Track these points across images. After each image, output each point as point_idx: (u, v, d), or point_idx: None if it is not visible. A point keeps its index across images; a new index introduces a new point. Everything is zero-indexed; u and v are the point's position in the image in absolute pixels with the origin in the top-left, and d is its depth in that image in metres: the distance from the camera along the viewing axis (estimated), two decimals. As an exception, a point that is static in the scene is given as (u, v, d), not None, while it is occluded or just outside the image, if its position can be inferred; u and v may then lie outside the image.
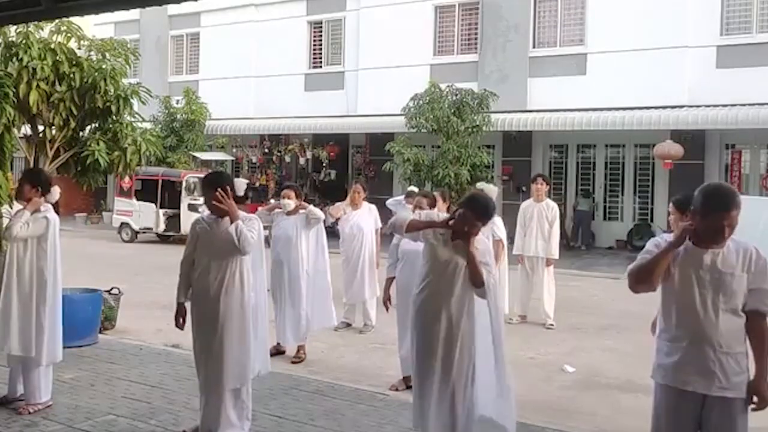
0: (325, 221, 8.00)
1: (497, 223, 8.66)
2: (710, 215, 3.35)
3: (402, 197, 9.61)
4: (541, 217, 9.80)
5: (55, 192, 5.74)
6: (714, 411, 3.40)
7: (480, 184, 7.29)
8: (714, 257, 3.42)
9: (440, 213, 5.01)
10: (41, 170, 6.42)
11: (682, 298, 3.45)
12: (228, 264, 4.82)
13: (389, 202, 9.70)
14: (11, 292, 5.49)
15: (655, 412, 3.58)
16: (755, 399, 3.41)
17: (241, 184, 5.02)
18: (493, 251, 5.91)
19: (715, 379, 3.38)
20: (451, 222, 4.45)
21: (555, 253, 9.85)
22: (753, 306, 3.42)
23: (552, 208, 9.89)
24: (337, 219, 9.58)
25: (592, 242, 19.31)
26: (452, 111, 17.68)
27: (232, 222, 4.73)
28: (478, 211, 4.42)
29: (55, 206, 5.73)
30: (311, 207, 7.76)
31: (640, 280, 3.51)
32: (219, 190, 4.76)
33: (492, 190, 8.15)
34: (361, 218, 9.30)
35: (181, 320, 5.06)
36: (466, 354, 4.46)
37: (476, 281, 4.40)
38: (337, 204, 9.78)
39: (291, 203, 7.62)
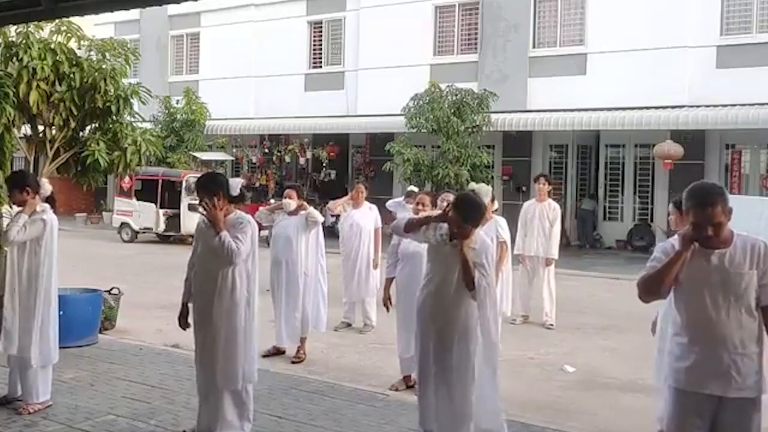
0: (324, 223, 7.99)
1: (501, 224, 8.62)
2: (691, 214, 3.32)
3: (402, 198, 9.60)
4: (543, 216, 9.83)
5: (46, 186, 5.68)
6: (728, 411, 3.35)
7: (472, 185, 7.14)
8: (721, 257, 3.35)
9: (436, 211, 5.03)
10: (23, 172, 6.30)
11: (693, 301, 3.38)
12: (221, 267, 4.76)
13: (389, 204, 9.69)
14: (13, 293, 5.50)
15: (671, 416, 3.50)
16: None
17: (236, 184, 4.90)
18: (497, 252, 5.90)
19: (732, 380, 3.32)
20: (446, 216, 4.45)
21: (554, 252, 9.87)
22: (767, 302, 3.35)
23: (554, 208, 9.94)
24: (337, 218, 9.58)
25: (600, 242, 19.11)
26: (452, 111, 17.67)
27: (216, 234, 4.64)
28: (464, 214, 4.41)
29: (54, 206, 5.69)
30: (311, 209, 7.75)
31: (650, 292, 3.44)
32: (206, 200, 4.69)
33: (485, 191, 8.04)
34: (361, 217, 9.31)
35: (183, 320, 5.06)
36: (465, 354, 4.46)
37: (467, 283, 4.39)
38: (337, 200, 9.79)
39: (293, 204, 7.62)
